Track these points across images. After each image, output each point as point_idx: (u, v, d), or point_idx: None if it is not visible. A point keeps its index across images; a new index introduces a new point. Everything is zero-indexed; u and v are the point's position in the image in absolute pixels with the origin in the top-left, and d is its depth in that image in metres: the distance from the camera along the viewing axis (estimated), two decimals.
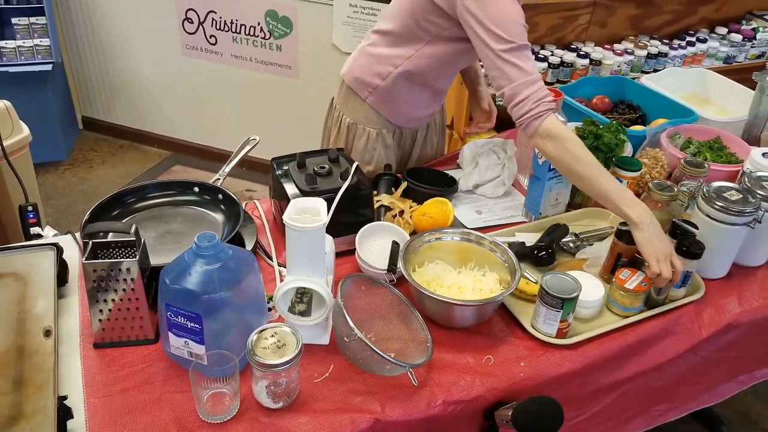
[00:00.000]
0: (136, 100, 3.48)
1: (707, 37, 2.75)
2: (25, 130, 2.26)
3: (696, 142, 1.75)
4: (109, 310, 1.11)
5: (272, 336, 1.04)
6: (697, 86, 2.23)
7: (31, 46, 3.05)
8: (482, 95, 1.86)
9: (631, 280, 1.27)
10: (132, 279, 1.08)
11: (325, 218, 1.04)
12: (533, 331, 1.22)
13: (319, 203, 1.08)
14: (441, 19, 1.42)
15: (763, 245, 1.45)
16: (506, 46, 1.29)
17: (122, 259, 1.06)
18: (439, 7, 1.39)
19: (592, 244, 1.47)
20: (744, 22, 2.87)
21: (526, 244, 1.42)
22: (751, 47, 2.78)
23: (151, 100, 3.44)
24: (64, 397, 1.00)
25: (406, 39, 1.50)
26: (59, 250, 1.27)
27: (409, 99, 1.61)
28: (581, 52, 2.51)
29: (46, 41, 3.06)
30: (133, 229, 1.08)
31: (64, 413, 0.97)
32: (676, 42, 2.71)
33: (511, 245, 1.36)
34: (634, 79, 2.25)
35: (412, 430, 1.09)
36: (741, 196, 1.34)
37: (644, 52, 2.58)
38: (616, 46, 2.61)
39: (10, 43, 3.02)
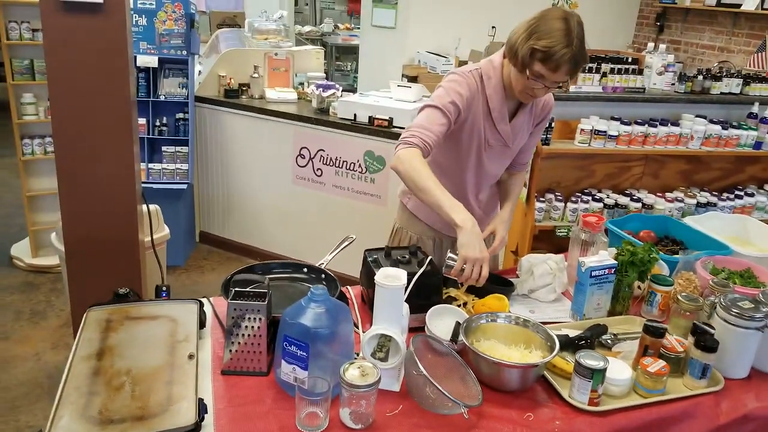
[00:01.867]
0: (247, 219, 4.08)
1: (755, 192, 3.03)
2: (167, 230, 2.81)
3: (727, 269, 2.01)
4: (239, 343, 1.48)
5: (358, 368, 1.36)
6: (738, 230, 2.49)
7: (173, 169, 3.74)
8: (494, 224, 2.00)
9: (654, 365, 1.51)
10: (260, 319, 1.46)
11: (404, 281, 1.41)
12: (570, 399, 1.47)
13: (401, 272, 1.44)
14: None
15: None
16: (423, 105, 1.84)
17: (256, 302, 1.46)
18: None
19: (626, 341, 1.73)
20: None
21: (570, 336, 1.70)
22: None
23: (260, 219, 4.03)
24: (201, 399, 1.35)
25: None
26: (201, 304, 1.69)
27: None
28: (635, 197, 2.85)
29: (185, 166, 3.76)
30: (266, 281, 1.49)
31: (202, 407, 1.31)
32: (725, 194, 3.01)
33: (557, 336, 1.64)
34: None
35: None
36: (753, 305, 1.59)
37: (694, 201, 2.89)
38: (667, 194, 2.95)
39: (157, 166, 3.73)
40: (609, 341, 1.72)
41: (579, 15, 1.68)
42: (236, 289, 1.51)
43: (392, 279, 1.42)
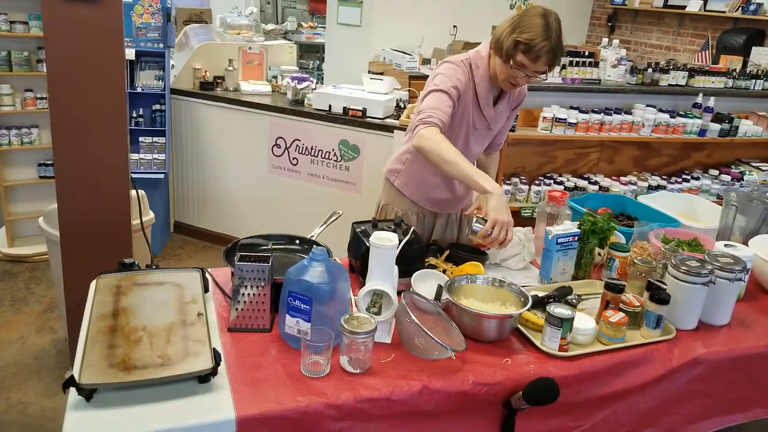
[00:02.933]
0: (222, 208, 4.18)
1: (701, 176, 3.31)
2: (152, 214, 2.91)
3: (677, 239, 2.25)
4: (245, 302, 1.62)
5: (356, 319, 1.52)
6: (686, 207, 2.75)
7: (150, 159, 3.82)
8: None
9: (615, 316, 1.71)
10: (264, 280, 1.60)
11: (396, 242, 1.57)
12: (542, 346, 1.66)
13: (393, 236, 1.61)
14: None
15: (723, 307, 1.88)
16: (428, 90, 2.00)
17: (260, 264, 1.60)
18: None
19: (589, 300, 1.94)
20: (733, 166, 3.44)
21: (539, 296, 1.90)
22: (740, 186, 3.33)
23: (235, 208, 4.14)
24: (215, 348, 1.48)
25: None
26: (203, 271, 1.82)
27: (424, 178, 2.20)
28: (592, 180, 3.09)
29: (162, 156, 3.84)
30: (270, 245, 1.63)
31: (217, 355, 1.45)
32: (673, 178, 3.28)
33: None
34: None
35: (450, 398, 1.51)
36: (700, 264, 1.82)
37: (646, 184, 3.15)
38: (622, 178, 3.20)
39: (134, 156, 3.80)
40: (574, 300, 1.91)
41: (557, 13, 1.90)
42: (242, 253, 1.65)
43: (385, 241, 1.59)
